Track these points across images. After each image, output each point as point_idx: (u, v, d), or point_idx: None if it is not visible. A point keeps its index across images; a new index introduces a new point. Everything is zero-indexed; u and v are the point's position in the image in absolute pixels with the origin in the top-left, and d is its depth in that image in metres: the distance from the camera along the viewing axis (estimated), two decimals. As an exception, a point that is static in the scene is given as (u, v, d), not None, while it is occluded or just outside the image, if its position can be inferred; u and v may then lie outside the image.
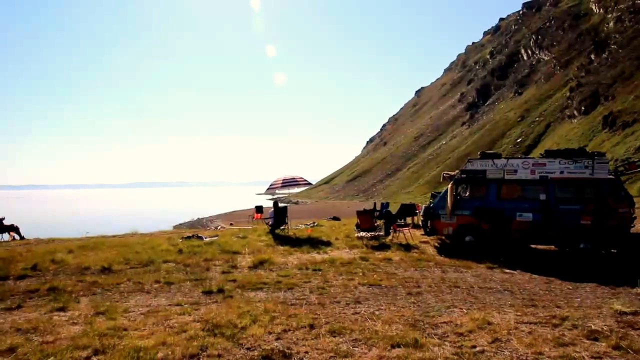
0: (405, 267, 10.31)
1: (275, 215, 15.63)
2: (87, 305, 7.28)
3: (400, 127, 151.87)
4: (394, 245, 12.78)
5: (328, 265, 10.27)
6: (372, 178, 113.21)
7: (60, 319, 6.56)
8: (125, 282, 8.90)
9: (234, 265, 10.36)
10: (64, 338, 5.66)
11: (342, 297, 7.71)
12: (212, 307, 7.01)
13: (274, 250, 12.14)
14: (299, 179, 16.47)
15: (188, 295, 7.95)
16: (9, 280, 9.35)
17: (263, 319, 6.26)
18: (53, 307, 7.17)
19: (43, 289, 8.41)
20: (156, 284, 8.71)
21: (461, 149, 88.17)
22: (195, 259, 10.82)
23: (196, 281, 8.90)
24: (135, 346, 5.23)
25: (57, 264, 10.49)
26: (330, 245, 12.98)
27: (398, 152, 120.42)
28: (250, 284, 8.53)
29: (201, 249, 11.97)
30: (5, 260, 10.78)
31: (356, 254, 11.67)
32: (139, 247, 12.27)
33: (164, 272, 9.69)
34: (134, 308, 7.11)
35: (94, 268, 9.99)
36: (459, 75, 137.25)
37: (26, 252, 12.18)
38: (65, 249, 12.31)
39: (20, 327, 6.13)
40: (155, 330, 5.89)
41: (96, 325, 6.14)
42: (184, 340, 5.48)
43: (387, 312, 6.80)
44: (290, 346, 5.33)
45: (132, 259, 10.74)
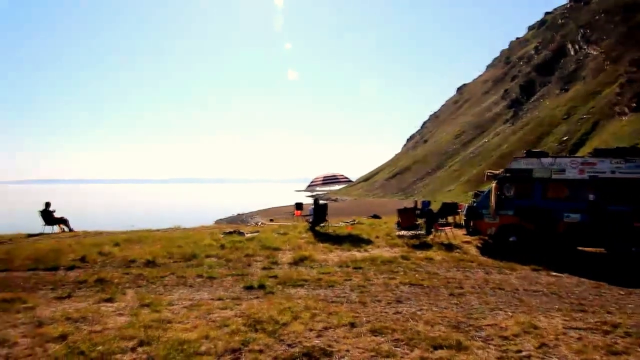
0: (447, 267, 10.16)
1: (316, 212, 15.64)
2: (133, 297, 7.47)
3: (441, 125, 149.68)
4: (435, 245, 12.59)
5: (368, 263, 10.22)
6: (412, 176, 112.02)
7: (107, 310, 6.76)
8: (169, 275, 9.10)
9: (275, 261, 10.42)
10: (111, 328, 5.83)
11: (383, 296, 7.66)
12: (253, 303, 7.08)
13: (314, 247, 12.14)
14: (339, 177, 16.44)
15: (230, 290, 8.05)
16: (60, 270, 9.75)
17: (304, 316, 6.28)
18: (100, 298, 7.41)
19: (91, 280, 8.70)
20: (199, 278, 8.86)
21: (504, 147, 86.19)
22: (236, 255, 10.95)
23: (237, 276, 9.00)
24: (179, 339, 5.34)
25: (104, 256, 10.83)
26: (370, 244, 12.90)
27: (439, 150, 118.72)
28: (291, 281, 8.56)
29: (242, 245, 12.10)
30: (56, 252, 11.18)
31: (397, 252, 11.56)
32: (182, 242, 12.49)
33: (206, 266, 9.85)
34: (178, 301, 7.25)
35: (139, 261, 10.25)
36: (502, 72, 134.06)
37: (75, 244, 12.59)
38: (111, 241, 12.66)
39: (70, 316, 6.36)
40: (198, 324, 5.99)
41: (141, 317, 6.31)
42: (226, 334, 5.56)
43: (429, 312, 6.71)
44: (331, 344, 5.33)
45: (175, 253, 10.96)
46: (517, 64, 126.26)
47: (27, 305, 6.98)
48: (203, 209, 78.19)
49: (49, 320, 6.19)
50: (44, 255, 10.81)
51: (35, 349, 5.16)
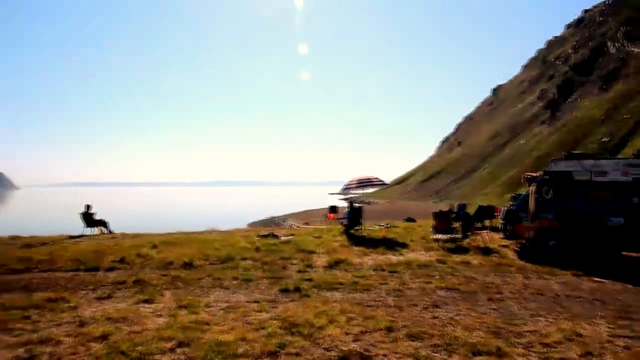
0: (485, 271, 9.98)
1: (350, 215, 15.62)
2: (171, 299, 7.58)
3: (475, 127, 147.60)
4: (472, 249, 12.40)
5: (404, 267, 10.13)
6: (446, 179, 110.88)
7: (146, 311, 6.88)
8: (206, 277, 9.20)
9: (310, 264, 10.43)
10: (150, 329, 5.92)
11: (419, 300, 7.57)
12: (289, 306, 7.09)
13: (349, 251, 12.11)
14: (374, 179, 16.38)
15: (265, 292, 8.08)
16: (100, 271, 9.98)
17: (340, 320, 6.26)
18: (139, 299, 7.54)
19: (130, 281, 8.87)
20: (235, 281, 8.94)
21: (541, 149, 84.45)
22: (271, 257, 11.01)
23: (273, 279, 9.04)
24: (217, 340, 5.39)
25: (143, 257, 11.04)
26: (405, 247, 12.79)
27: (473, 153, 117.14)
28: (326, 284, 8.54)
29: (277, 248, 12.16)
30: (97, 253, 11.48)
31: (433, 256, 11.43)
32: (218, 244, 12.64)
33: (242, 269, 9.93)
34: (214, 303, 7.33)
35: (177, 263, 10.41)
36: (539, 72, 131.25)
37: (114, 246, 12.88)
38: (149, 243, 12.89)
39: (110, 316, 6.49)
40: (235, 326, 6.04)
41: (179, 318, 6.40)
42: (262, 337, 5.58)
43: (467, 318, 6.59)
44: (368, 348, 5.29)
45: (211, 256, 11.09)
46: (554, 63, 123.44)
47: (70, 305, 7.18)
48: (236, 211, 79.05)
49: (90, 320, 6.34)
50: (85, 257, 11.10)
51: (78, 347, 5.29)
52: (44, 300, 7.38)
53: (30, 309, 6.90)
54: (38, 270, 10.22)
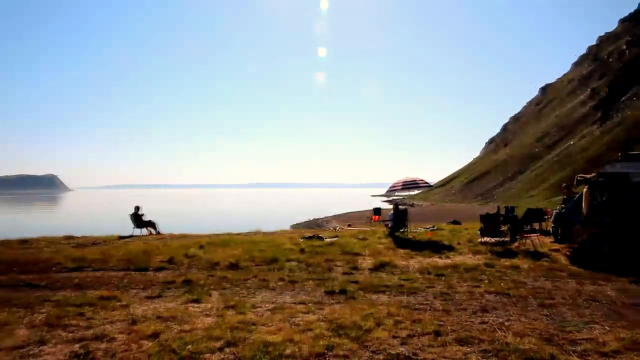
0: (535, 276, 9.66)
1: (395, 217, 15.49)
2: (218, 299, 7.67)
3: (522, 127, 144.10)
4: (521, 253, 12.05)
5: (451, 270, 9.94)
6: (492, 181, 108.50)
7: (194, 310, 6.97)
8: (252, 278, 9.29)
9: (355, 266, 10.37)
10: (199, 328, 5.99)
11: (467, 304, 7.39)
12: (335, 308, 7.06)
13: (395, 253, 11.99)
14: (419, 181, 16.20)
15: (311, 294, 8.08)
16: (149, 271, 10.24)
17: (387, 323, 6.17)
18: (188, 299, 7.66)
19: (178, 281, 9.06)
20: (280, 282, 8.98)
21: (592, 149, 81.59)
22: (316, 259, 11.01)
23: (318, 281, 9.03)
24: (265, 341, 5.40)
25: (190, 258, 11.26)
26: (452, 250, 12.57)
27: (520, 154, 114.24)
28: (372, 286, 8.47)
29: (322, 249, 12.17)
30: (146, 253, 11.78)
31: (480, 259, 11.18)
32: (263, 246, 12.75)
33: (287, 270, 9.97)
34: (261, 304, 7.37)
35: (223, 264, 10.56)
36: (590, 69, 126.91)
37: (163, 246, 13.20)
38: (196, 244, 13.14)
39: (161, 315, 6.62)
40: (282, 327, 6.04)
41: (227, 318, 6.45)
42: (310, 338, 5.55)
43: (518, 323, 6.38)
44: (416, 352, 5.19)
45: (257, 257, 11.20)
46: (607, 60, 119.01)
47: (122, 304, 7.36)
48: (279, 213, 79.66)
49: (142, 318, 6.48)
50: (135, 257, 11.41)
51: (130, 345, 5.40)
52: (97, 298, 7.60)
53: (84, 306, 7.12)
54: (91, 269, 10.57)
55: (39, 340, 5.61)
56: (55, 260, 11.34)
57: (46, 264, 11.05)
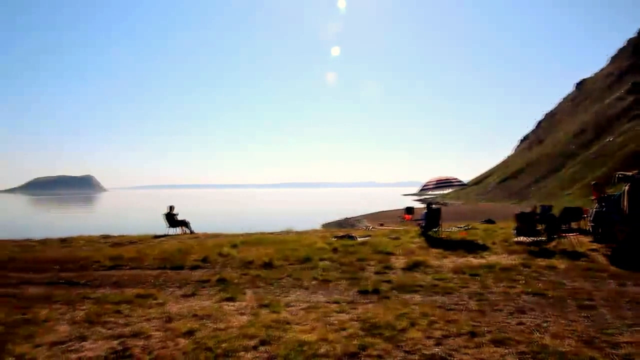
0: (573, 276, 9.41)
1: (428, 216, 15.34)
2: (252, 297, 7.73)
3: (557, 124, 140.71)
4: (558, 252, 11.75)
5: (486, 270, 9.76)
6: (526, 179, 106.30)
7: (229, 309, 7.05)
8: (285, 277, 9.32)
9: (388, 266, 10.30)
10: (233, 327, 6.06)
11: (503, 305, 7.24)
12: (368, 307, 7.03)
13: (428, 253, 11.87)
14: (452, 180, 15.99)
15: (344, 293, 8.06)
16: (184, 269, 10.39)
17: (421, 323, 6.12)
18: (222, 297, 7.76)
19: (213, 279, 9.17)
20: (314, 281, 8.99)
21: (631, 146, 79.17)
22: (349, 258, 10.98)
23: (351, 280, 9.00)
24: (299, 340, 5.43)
25: (224, 257, 11.39)
26: (486, 250, 12.36)
27: (555, 151, 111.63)
28: (405, 286, 8.39)
29: (354, 249, 12.14)
30: (180, 252, 11.98)
31: (516, 259, 10.95)
32: (295, 245, 12.79)
33: (320, 269, 9.97)
34: (295, 303, 7.39)
35: (257, 263, 10.62)
36: (629, 63, 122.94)
37: (197, 245, 13.38)
38: (230, 243, 13.27)
39: (196, 313, 6.73)
40: (315, 326, 6.05)
41: (261, 317, 6.51)
42: (343, 338, 5.56)
43: (556, 325, 6.22)
44: (451, 353, 5.13)
45: (290, 256, 11.24)
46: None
47: (158, 301, 7.51)
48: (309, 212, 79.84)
49: (177, 316, 6.60)
50: (170, 255, 11.61)
51: (167, 342, 5.50)
52: (134, 296, 7.78)
53: (122, 304, 7.30)
54: (128, 267, 10.80)
55: (79, 336, 5.78)
56: (94, 258, 11.63)
57: (85, 262, 11.35)
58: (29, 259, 12.04)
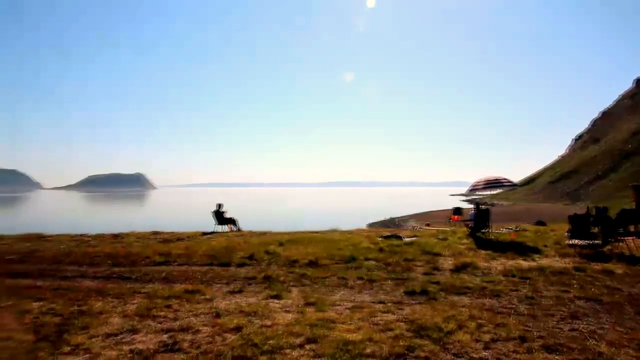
0: (631, 282, 8.98)
1: (477, 217, 15.02)
2: (298, 296, 7.76)
3: (614, 122, 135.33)
4: (614, 257, 11.29)
5: (537, 273, 9.45)
6: (580, 179, 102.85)
7: (275, 306, 7.08)
8: (331, 276, 9.30)
9: (435, 267, 10.14)
10: (279, 324, 6.08)
11: (555, 310, 6.98)
12: (415, 308, 6.93)
13: (476, 254, 11.60)
14: (502, 180, 15.58)
15: (390, 294, 7.98)
16: (231, 266, 10.54)
17: (469, 325, 5.97)
18: (268, 295, 7.81)
19: (259, 277, 9.26)
20: (359, 281, 8.93)
21: (694, 146, 75.36)
22: (395, 258, 10.87)
23: (397, 280, 8.91)
24: (344, 339, 5.39)
25: (270, 255, 11.48)
26: (537, 252, 11.98)
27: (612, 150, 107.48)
28: (453, 288, 8.23)
29: (401, 249, 12.01)
30: (228, 249, 12.17)
31: (569, 263, 10.57)
32: (341, 244, 12.78)
33: (365, 269, 9.91)
34: (340, 302, 7.36)
35: (302, 261, 10.66)
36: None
37: (243, 243, 13.56)
38: (276, 241, 13.40)
39: (243, 310, 6.79)
40: (361, 326, 6.00)
41: (307, 315, 6.50)
42: (389, 338, 5.49)
43: (612, 332, 5.94)
44: (500, 357, 4.98)
45: (335, 255, 11.23)
46: None
47: (206, 297, 7.63)
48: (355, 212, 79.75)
49: (225, 312, 6.68)
50: (218, 252, 11.81)
51: (215, 337, 5.58)
52: (183, 291, 7.93)
53: (171, 299, 7.46)
54: (177, 263, 11.04)
55: (131, 329, 5.94)
56: (144, 254, 11.96)
57: (136, 257, 11.68)
58: (84, 254, 12.49)
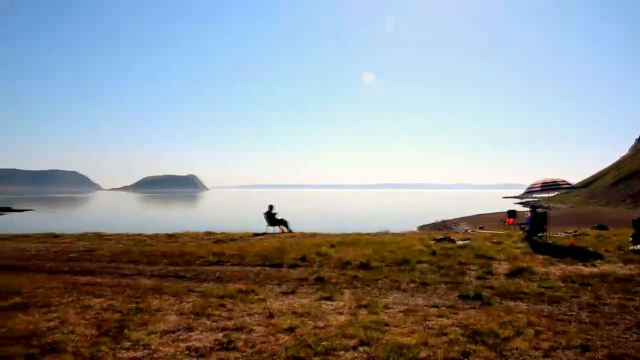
0: (702, 290, 8.51)
1: (533, 220, 14.56)
2: (350, 298, 7.74)
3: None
4: (684, 263, 10.70)
5: (598, 280, 9.05)
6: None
7: (327, 308, 7.10)
8: (383, 279, 9.26)
9: (490, 271, 9.89)
10: (332, 325, 6.09)
11: (619, 318, 6.66)
12: (470, 313, 6.79)
13: (532, 259, 11.22)
14: (560, 182, 15.04)
15: (444, 297, 7.86)
16: (283, 267, 10.66)
17: (527, 332, 5.78)
18: (321, 296, 7.84)
19: (311, 278, 9.31)
20: (412, 284, 8.84)
21: None
22: (448, 262, 10.67)
23: (451, 284, 8.76)
24: (398, 342, 5.34)
25: (322, 256, 11.52)
26: (599, 258, 11.47)
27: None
28: (509, 293, 8.01)
29: (454, 252, 11.78)
30: (279, 250, 12.30)
31: (633, 269, 10.06)
32: (392, 246, 12.67)
33: (418, 272, 9.79)
34: (393, 305, 7.30)
35: (354, 263, 10.65)
36: None
37: (295, 244, 13.67)
38: (327, 243, 13.43)
39: (295, 311, 6.84)
40: (415, 330, 5.93)
41: (360, 317, 6.49)
42: (444, 343, 5.39)
43: (684, 344, 5.65)
44: (561, 366, 4.82)
45: (387, 258, 11.13)
46: None
47: (259, 297, 7.74)
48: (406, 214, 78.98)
49: (278, 313, 6.75)
50: (270, 253, 11.95)
51: (268, 337, 5.64)
52: (236, 291, 8.06)
53: (225, 298, 7.60)
54: (230, 263, 11.27)
55: (187, 327, 6.09)
56: (198, 254, 12.26)
57: (190, 257, 11.99)
58: (141, 252, 12.93)
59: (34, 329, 5.84)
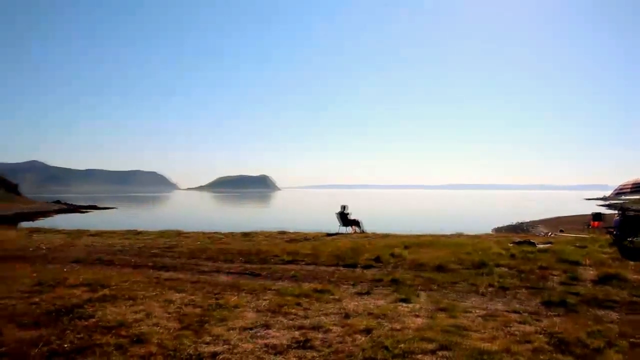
0: None
1: (623, 224, 13.66)
2: (427, 300, 7.58)
3: None
4: None
5: None
6: None
7: (404, 310, 6.98)
8: (460, 282, 9.00)
9: (574, 276, 9.34)
10: (409, 328, 5.98)
11: None
12: (554, 320, 6.46)
13: (622, 265, 10.48)
14: (655, 183, 14.00)
15: (525, 303, 7.53)
16: (357, 268, 10.60)
17: (620, 344, 5.40)
18: (397, 298, 7.71)
19: (386, 279, 9.19)
20: (490, 288, 8.53)
21: None
22: (529, 266, 10.19)
23: (532, 289, 8.38)
24: (479, 348, 5.16)
25: (396, 257, 11.36)
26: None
27: None
28: (596, 300, 7.55)
29: (534, 256, 11.26)
30: (353, 251, 12.27)
31: None
32: (469, 249, 12.30)
33: (497, 276, 9.43)
34: (471, 309, 7.07)
35: (429, 265, 10.42)
36: None
37: (368, 245, 13.59)
38: (401, 244, 13.25)
39: (371, 312, 6.77)
40: (496, 335, 5.72)
41: (438, 320, 6.33)
42: (528, 351, 5.16)
43: None
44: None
45: (464, 260, 10.81)
46: None
47: (334, 297, 7.72)
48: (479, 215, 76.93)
49: (353, 313, 6.71)
50: (344, 253, 11.94)
51: (345, 337, 5.61)
52: (312, 290, 8.08)
53: (301, 297, 7.64)
54: (304, 262, 11.34)
55: (264, 324, 6.18)
56: (273, 252, 12.46)
57: (265, 255, 12.20)
58: (218, 250, 13.30)
59: (122, 320, 6.13)
